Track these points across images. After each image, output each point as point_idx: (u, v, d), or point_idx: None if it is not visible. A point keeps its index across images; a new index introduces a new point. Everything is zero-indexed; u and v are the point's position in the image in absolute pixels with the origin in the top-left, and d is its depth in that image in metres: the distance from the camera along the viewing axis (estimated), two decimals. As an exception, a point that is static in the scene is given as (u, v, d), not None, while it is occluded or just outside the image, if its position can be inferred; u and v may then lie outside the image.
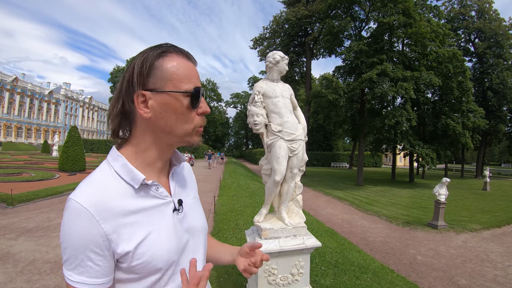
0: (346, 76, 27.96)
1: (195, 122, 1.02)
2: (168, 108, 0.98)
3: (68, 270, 0.90)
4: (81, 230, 0.87)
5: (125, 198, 0.96)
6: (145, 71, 0.97)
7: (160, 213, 1.03)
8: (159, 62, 0.97)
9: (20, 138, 71.01)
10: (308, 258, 3.46)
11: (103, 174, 1.00)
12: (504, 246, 9.60)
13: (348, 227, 11.39)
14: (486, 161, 71.25)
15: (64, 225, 0.90)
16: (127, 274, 0.95)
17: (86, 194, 0.92)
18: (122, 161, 1.01)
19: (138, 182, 0.98)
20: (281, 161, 3.34)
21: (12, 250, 6.10)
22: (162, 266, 0.97)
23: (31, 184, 13.98)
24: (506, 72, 35.56)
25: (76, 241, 0.87)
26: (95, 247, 0.88)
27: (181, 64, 0.98)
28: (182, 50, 1.02)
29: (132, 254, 0.92)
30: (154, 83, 0.97)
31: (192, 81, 0.99)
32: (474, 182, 31.89)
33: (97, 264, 0.89)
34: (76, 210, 0.88)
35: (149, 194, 1.02)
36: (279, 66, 3.48)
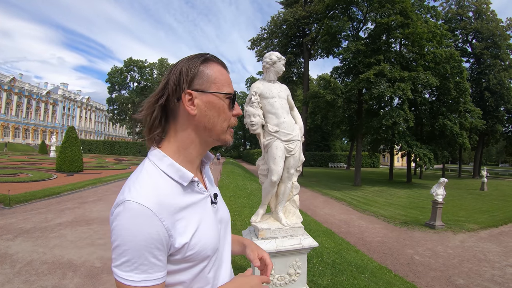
0: (344, 77, 28.04)
1: (230, 121, 1.15)
2: (213, 106, 1.10)
3: (127, 272, 0.91)
4: (145, 229, 0.91)
5: (176, 195, 1.03)
6: (191, 74, 1.08)
7: (203, 207, 1.12)
8: (203, 67, 1.09)
9: (18, 139, 70.88)
10: (305, 258, 3.47)
11: (151, 174, 1.05)
12: (502, 246, 9.64)
13: (345, 227, 11.41)
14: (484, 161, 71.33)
15: (122, 228, 0.92)
16: (178, 265, 1.02)
17: (144, 194, 0.96)
18: (168, 161, 1.08)
19: (187, 180, 1.06)
20: (278, 162, 3.34)
21: (9, 251, 6.09)
22: (210, 254, 1.07)
23: (29, 185, 13.95)
24: (503, 73, 35.70)
25: (139, 241, 0.90)
26: (159, 243, 0.93)
27: (222, 71, 1.13)
28: (220, 60, 1.15)
29: (188, 245, 1.00)
30: (200, 84, 1.08)
31: (230, 86, 1.14)
32: (471, 182, 31.98)
33: (159, 260, 0.94)
34: (137, 210, 0.92)
35: (194, 190, 1.11)
36: (276, 66, 3.49)
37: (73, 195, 12.99)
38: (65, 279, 5.01)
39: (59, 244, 6.64)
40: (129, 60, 68.10)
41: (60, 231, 7.65)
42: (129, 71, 68.52)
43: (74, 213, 9.69)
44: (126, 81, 68.89)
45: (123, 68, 68.02)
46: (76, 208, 10.52)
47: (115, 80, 67.49)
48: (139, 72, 68.82)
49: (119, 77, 67.60)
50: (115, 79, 67.36)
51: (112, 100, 68.71)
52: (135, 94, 66.85)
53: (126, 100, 68.56)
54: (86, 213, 9.88)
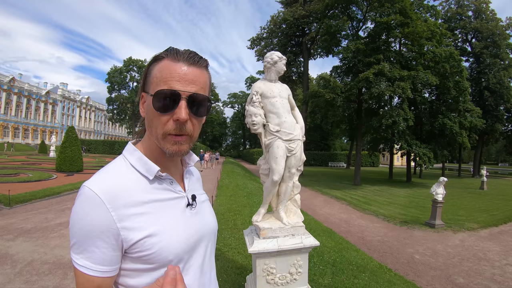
0: (343, 76, 28.05)
1: (165, 127, 0.98)
2: (147, 109, 1.02)
3: (75, 254, 0.92)
4: (91, 216, 0.90)
5: (138, 189, 1.00)
6: (144, 74, 1.05)
7: (173, 207, 1.07)
8: (153, 66, 1.01)
9: (17, 139, 70.81)
10: (307, 257, 3.47)
11: (117, 166, 1.05)
12: (501, 245, 9.64)
13: (345, 227, 11.42)
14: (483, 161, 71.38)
15: (74, 210, 0.93)
16: (136, 264, 0.97)
17: (99, 182, 0.96)
18: (138, 154, 1.06)
19: (152, 174, 1.03)
20: (279, 161, 3.35)
21: (10, 251, 6.08)
22: (172, 259, 0.99)
23: (29, 185, 13.94)
24: (503, 72, 35.73)
25: (84, 226, 0.90)
26: (102, 234, 0.91)
27: (165, 67, 0.98)
28: (176, 52, 1.00)
29: (143, 243, 0.95)
30: (147, 85, 1.02)
31: (167, 83, 0.96)
32: (471, 181, 32.00)
33: (102, 251, 0.91)
34: (88, 196, 0.92)
35: (163, 187, 1.06)
36: (277, 66, 3.49)
37: (73, 195, 12.96)
38: (66, 279, 5.01)
39: (59, 244, 6.64)
40: (129, 60, 68.01)
41: (61, 231, 7.64)
42: (129, 71, 68.40)
43: (75, 213, 9.68)
44: (125, 80, 68.78)
45: (122, 67, 67.91)
46: (76, 208, 10.50)
47: (115, 79, 67.37)
48: (139, 71, 68.63)
49: (119, 77, 67.50)
50: (114, 78, 67.25)
51: (112, 99, 68.64)
52: (134, 93, 66.68)
53: (125, 99, 68.48)
54: (86, 213, 9.87)
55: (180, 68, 0.97)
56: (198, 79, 1.00)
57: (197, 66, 1.00)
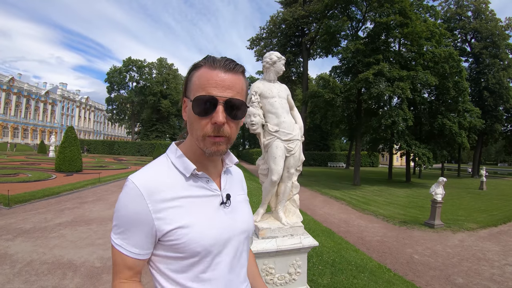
0: (343, 76, 28.03)
1: (205, 129, 1.06)
2: (188, 113, 1.11)
3: (115, 234, 1.07)
4: (131, 206, 1.03)
5: (175, 185, 1.10)
6: (185, 80, 1.15)
7: (207, 203, 1.15)
8: (191, 74, 1.11)
9: (17, 139, 70.81)
10: (305, 258, 3.47)
11: (160, 163, 1.17)
12: (501, 245, 9.65)
13: (345, 227, 11.41)
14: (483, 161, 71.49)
15: (119, 198, 1.07)
16: (167, 252, 1.07)
17: (141, 176, 1.08)
18: (179, 153, 1.17)
19: (189, 172, 1.12)
20: (278, 161, 3.35)
21: (9, 251, 6.09)
22: (201, 251, 1.07)
23: (28, 185, 13.94)
24: (502, 72, 35.76)
25: (124, 213, 1.04)
26: (138, 222, 1.03)
27: (203, 74, 1.06)
28: (213, 60, 1.08)
29: (174, 233, 1.04)
30: (188, 91, 1.12)
31: (206, 89, 1.04)
32: (470, 182, 32.02)
33: (136, 237, 1.05)
34: (130, 188, 1.04)
35: (198, 184, 1.16)
36: (276, 66, 3.50)
37: (73, 195, 12.99)
38: (65, 279, 5.02)
39: (59, 244, 6.64)
40: (128, 60, 67.95)
41: (60, 231, 7.65)
42: (128, 71, 68.31)
43: (74, 213, 9.70)
44: (125, 80, 68.72)
45: (122, 67, 67.84)
46: (75, 208, 10.52)
47: (114, 79, 67.31)
48: (138, 71, 68.62)
49: (118, 77, 67.44)
50: (114, 78, 67.20)
51: (111, 99, 68.62)
52: (134, 93, 66.70)
53: (125, 99, 68.49)
54: (85, 213, 9.89)
55: (217, 75, 1.04)
56: (234, 85, 1.06)
57: (233, 72, 1.07)
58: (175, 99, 66.45)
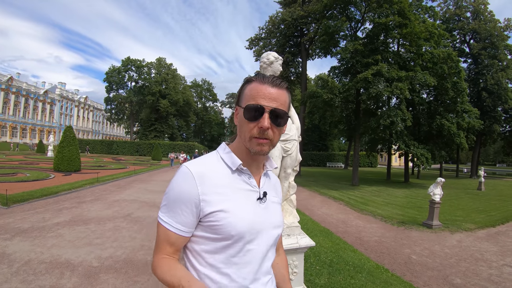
0: (342, 76, 27.97)
1: (252, 132, 1.21)
2: (241, 118, 1.26)
3: (163, 213, 1.23)
4: (183, 186, 1.19)
5: (222, 174, 1.26)
6: (238, 92, 1.33)
7: (246, 196, 1.29)
8: (244, 86, 1.28)
9: (15, 138, 70.75)
10: (302, 258, 3.47)
11: (211, 157, 1.34)
12: (499, 246, 9.65)
13: (343, 227, 11.41)
14: (481, 161, 71.59)
15: (172, 180, 1.24)
16: (205, 232, 1.21)
17: (195, 164, 1.25)
18: (228, 150, 1.33)
19: (235, 165, 1.27)
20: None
21: (7, 251, 6.09)
22: (234, 234, 1.19)
23: (26, 184, 13.94)
24: (501, 73, 35.84)
25: (176, 193, 1.20)
26: (188, 201, 1.18)
27: (254, 87, 1.23)
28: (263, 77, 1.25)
29: (215, 215, 1.18)
30: (241, 101, 1.28)
31: (255, 99, 1.20)
32: (469, 182, 32.05)
33: (184, 215, 1.19)
34: (185, 172, 1.21)
35: (241, 178, 1.30)
36: (273, 66, 3.49)
37: (71, 194, 12.99)
38: (62, 278, 5.01)
39: (56, 244, 6.64)
40: (127, 60, 67.98)
41: (58, 230, 7.64)
42: (127, 71, 68.37)
43: (72, 213, 9.69)
44: (124, 80, 68.77)
45: (121, 67, 67.87)
46: (73, 207, 10.52)
47: (113, 79, 67.34)
48: (137, 71, 68.68)
49: (117, 77, 67.48)
50: (113, 78, 67.23)
51: (110, 99, 68.63)
52: (133, 93, 66.74)
53: (124, 99, 68.55)
54: (83, 212, 9.89)
55: (266, 89, 1.22)
56: (279, 98, 1.23)
57: (279, 88, 1.24)
58: (173, 99, 66.52)
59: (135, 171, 23.74)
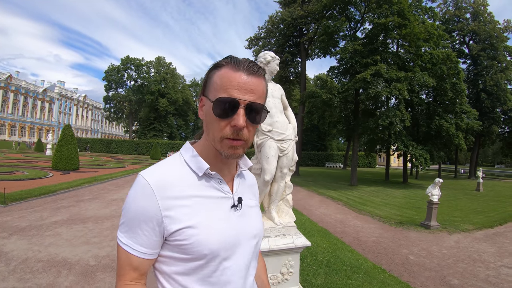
0: (341, 77, 27.99)
1: (223, 131, 1.03)
2: (206, 113, 1.08)
3: (122, 232, 1.04)
4: (141, 202, 1.01)
5: (187, 183, 1.08)
6: (205, 79, 1.11)
7: (218, 205, 1.12)
8: (212, 73, 1.07)
9: (14, 137, 70.64)
10: (298, 258, 3.48)
11: (172, 161, 1.15)
12: (496, 246, 9.67)
13: (341, 227, 11.42)
14: (480, 162, 71.62)
15: (129, 194, 1.05)
16: (173, 252, 1.04)
17: (153, 173, 1.06)
18: (193, 152, 1.14)
19: (202, 171, 1.10)
20: (271, 161, 3.35)
21: (4, 249, 6.09)
22: (207, 253, 1.03)
23: (24, 183, 13.93)
24: (500, 74, 35.86)
25: (133, 209, 1.01)
26: (148, 219, 1.00)
27: (225, 75, 1.02)
28: (236, 61, 1.04)
29: (181, 233, 1.01)
30: (208, 90, 1.07)
31: (227, 91, 1.00)
32: (467, 183, 32.10)
33: (145, 235, 1.01)
34: (141, 184, 1.02)
35: (211, 184, 1.13)
36: (270, 66, 3.50)
37: (69, 193, 12.98)
38: (59, 277, 5.02)
39: (54, 242, 6.64)
40: (126, 58, 67.93)
41: (56, 229, 7.65)
42: (126, 69, 68.33)
43: (70, 212, 9.69)
44: (123, 79, 68.72)
45: (120, 66, 67.82)
46: (71, 206, 10.52)
47: (112, 78, 67.28)
48: (136, 70, 68.65)
49: (116, 75, 67.42)
50: (112, 77, 67.17)
51: (109, 98, 68.55)
52: (132, 92, 66.69)
53: (123, 98, 68.46)
54: (81, 211, 9.89)
55: (240, 77, 1.01)
56: (256, 88, 1.04)
57: (256, 76, 1.04)
58: (172, 98, 66.52)
59: (134, 170, 23.70)
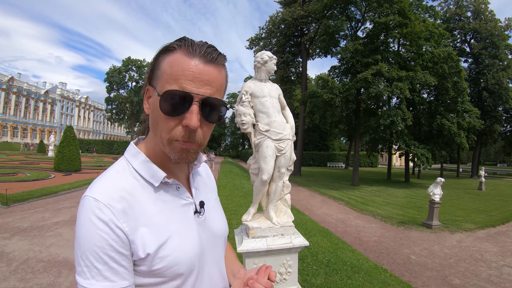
0: (342, 76, 27.99)
1: (172, 132, 0.87)
2: (153, 108, 0.91)
3: (88, 279, 0.80)
4: (102, 229, 0.81)
5: (145, 198, 0.91)
6: (151, 65, 0.92)
7: (182, 215, 0.98)
8: (161, 58, 0.89)
9: (16, 138, 70.80)
10: (296, 257, 3.47)
11: (120, 171, 0.95)
12: (499, 246, 9.65)
13: (342, 227, 11.42)
14: (482, 161, 71.42)
15: (79, 226, 0.82)
16: (146, 278, 0.88)
17: (103, 190, 0.86)
18: (142, 157, 0.96)
19: (158, 180, 0.93)
20: (268, 161, 3.34)
21: (6, 249, 6.11)
22: (184, 271, 0.91)
23: (26, 184, 13.95)
24: (501, 73, 35.79)
25: (96, 241, 0.80)
26: (119, 246, 0.82)
27: (176, 62, 0.85)
28: (191, 45, 0.86)
29: (153, 256, 0.86)
30: (154, 80, 0.90)
31: (178, 81, 0.83)
32: (469, 182, 32.01)
33: (122, 265, 0.83)
34: (93, 207, 0.82)
35: (170, 193, 0.97)
36: (267, 66, 3.50)
37: (71, 194, 13.00)
38: (60, 277, 5.03)
39: (55, 243, 6.66)
40: (128, 60, 68.05)
41: (57, 230, 7.66)
42: (128, 71, 68.45)
43: (71, 212, 9.70)
44: (124, 80, 68.82)
45: (121, 67, 67.95)
46: (73, 207, 10.53)
47: (114, 79, 67.37)
48: (138, 71, 68.75)
49: (118, 77, 67.52)
50: (113, 78, 67.27)
51: (111, 99, 68.63)
52: (133, 93, 66.77)
53: (124, 99, 68.53)
54: (83, 212, 9.89)
55: (195, 66, 0.84)
56: (215, 80, 0.88)
57: (215, 64, 0.88)
58: (174, 99, 66.53)
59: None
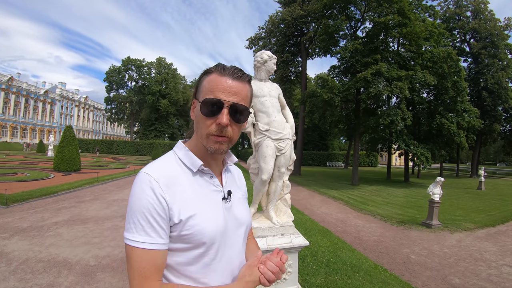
0: (341, 76, 27.96)
1: (209, 129, 1.14)
2: (196, 113, 1.19)
3: (134, 233, 1.05)
4: (150, 195, 1.06)
5: (184, 178, 1.17)
6: (196, 84, 1.24)
7: (212, 198, 1.22)
8: (202, 78, 1.20)
9: (16, 138, 70.79)
10: (296, 257, 3.47)
11: (168, 158, 1.23)
12: (498, 245, 9.64)
13: (342, 226, 11.41)
14: (481, 161, 71.51)
15: (134, 193, 1.09)
16: (175, 243, 1.11)
17: (154, 169, 1.13)
18: (185, 150, 1.24)
19: (196, 167, 1.19)
20: (268, 160, 3.34)
21: (5, 249, 6.11)
22: (206, 241, 1.12)
23: (26, 184, 13.96)
24: (501, 72, 35.78)
25: (143, 204, 1.05)
26: (161, 211, 1.06)
27: (212, 79, 1.15)
28: (223, 68, 1.17)
29: (184, 224, 1.09)
30: (198, 94, 1.20)
31: (214, 93, 1.12)
32: (469, 182, 32.00)
33: (161, 226, 1.06)
34: (146, 179, 1.08)
35: (204, 179, 1.23)
36: (266, 65, 3.50)
37: (70, 194, 13.01)
38: (60, 277, 5.03)
39: (55, 243, 6.66)
40: (127, 59, 68.04)
41: (56, 230, 7.66)
42: (127, 70, 68.45)
43: (71, 212, 9.71)
44: (124, 80, 68.84)
45: (121, 67, 67.94)
46: (72, 207, 10.53)
47: (113, 79, 67.40)
48: (137, 71, 68.76)
49: (117, 76, 67.55)
50: (113, 78, 67.29)
51: (110, 99, 68.66)
52: (133, 93, 66.81)
53: (124, 99, 68.60)
54: (82, 212, 9.91)
55: (226, 81, 1.14)
56: (240, 91, 1.16)
57: (240, 80, 1.16)
58: (174, 99, 66.56)
59: (135, 171, 23.70)
